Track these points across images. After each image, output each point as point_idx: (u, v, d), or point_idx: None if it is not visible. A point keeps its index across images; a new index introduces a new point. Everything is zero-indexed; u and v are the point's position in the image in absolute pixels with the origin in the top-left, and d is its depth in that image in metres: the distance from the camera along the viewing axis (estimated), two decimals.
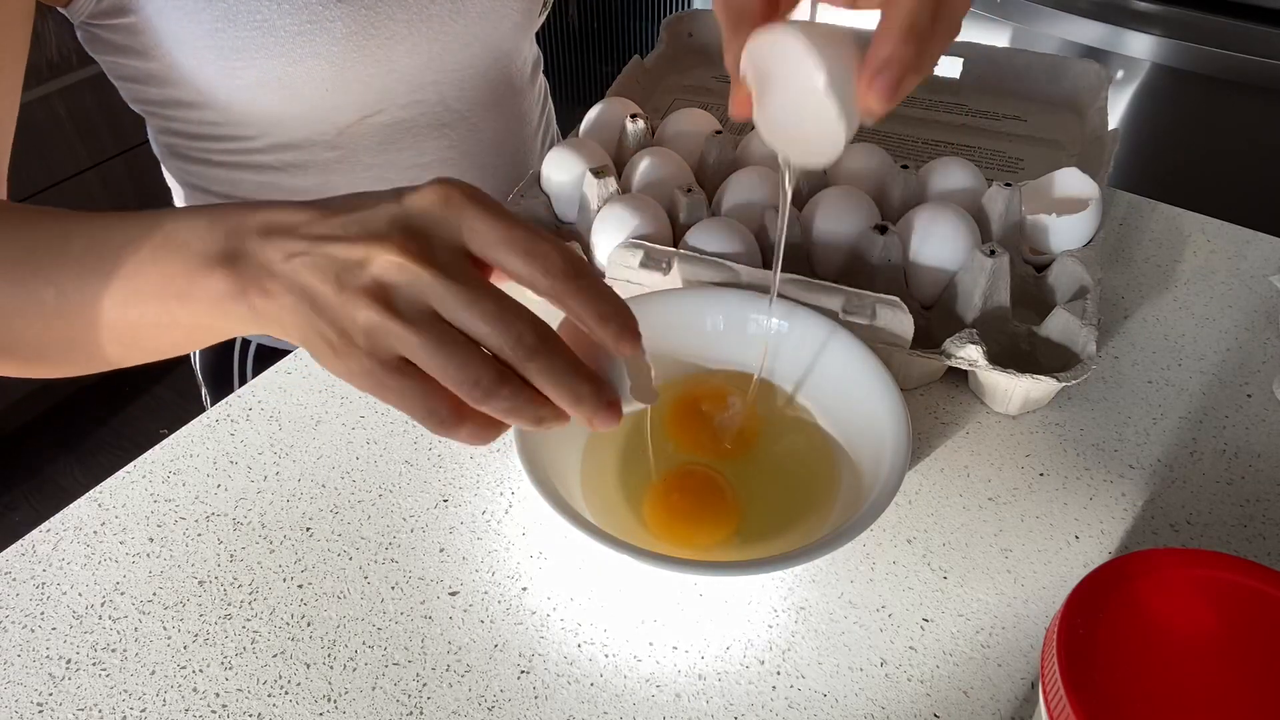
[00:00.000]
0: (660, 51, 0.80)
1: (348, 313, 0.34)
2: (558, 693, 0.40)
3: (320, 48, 0.59)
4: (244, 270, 0.36)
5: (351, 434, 0.52)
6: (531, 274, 0.35)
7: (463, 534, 0.47)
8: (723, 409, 0.50)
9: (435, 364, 0.34)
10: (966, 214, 0.55)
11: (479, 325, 0.34)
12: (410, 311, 0.34)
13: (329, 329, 0.35)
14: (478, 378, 0.34)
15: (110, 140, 1.54)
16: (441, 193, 0.35)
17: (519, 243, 0.35)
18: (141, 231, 0.39)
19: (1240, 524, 0.47)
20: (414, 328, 0.34)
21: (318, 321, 0.35)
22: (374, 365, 0.35)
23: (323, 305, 0.35)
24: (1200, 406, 0.53)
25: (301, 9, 0.58)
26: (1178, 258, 0.64)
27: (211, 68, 0.59)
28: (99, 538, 0.47)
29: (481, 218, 0.35)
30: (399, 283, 0.34)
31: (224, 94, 0.60)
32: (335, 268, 0.35)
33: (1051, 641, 0.32)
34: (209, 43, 0.57)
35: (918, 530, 0.47)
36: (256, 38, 0.58)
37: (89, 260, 0.40)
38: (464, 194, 0.35)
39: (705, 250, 0.53)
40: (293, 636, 0.43)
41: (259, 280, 0.36)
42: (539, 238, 0.35)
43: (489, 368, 0.34)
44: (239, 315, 0.37)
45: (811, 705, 0.40)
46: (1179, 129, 1.23)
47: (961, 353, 0.50)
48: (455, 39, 0.66)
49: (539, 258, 0.35)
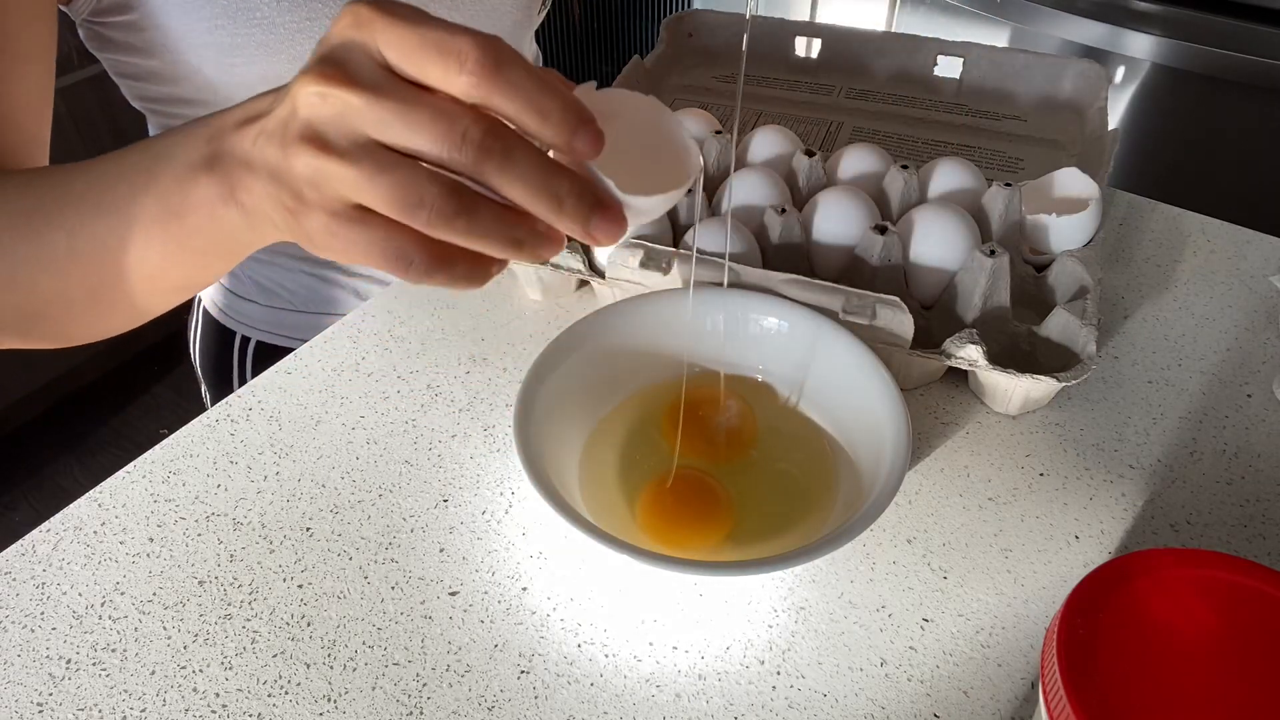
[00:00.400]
0: (660, 51, 0.80)
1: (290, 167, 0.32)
2: (558, 693, 0.40)
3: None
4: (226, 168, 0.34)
5: (351, 434, 0.52)
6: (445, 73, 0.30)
7: (463, 534, 0.47)
8: (722, 411, 0.50)
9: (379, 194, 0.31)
10: (966, 214, 0.55)
11: (416, 137, 0.30)
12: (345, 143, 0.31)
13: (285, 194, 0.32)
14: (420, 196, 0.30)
15: (110, 140, 1.54)
16: (350, 12, 0.31)
17: (430, 43, 0.30)
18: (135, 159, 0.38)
19: (1240, 524, 0.47)
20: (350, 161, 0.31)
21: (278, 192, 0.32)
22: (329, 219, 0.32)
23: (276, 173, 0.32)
24: (1200, 406, 0.53)
25: (301, 6, 0.58)
26: (1178, 258, 0.64)
27: (211, 65, 0.59)
28: (99, 538, 0.47)
29: (393, 25, 0.31)
30: (325, 116, 0.31)
31: (224, 91, 0.60)
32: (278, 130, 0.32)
33: (1051, 641, 0.32)
34: (208, 40, 0.57)
35: (918, 530, 0.47)
36: (256, 35, 0.58)
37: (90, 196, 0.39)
38: (373, 7, 0.31)
39: (705, 250, 0.53)
40: (293, 636, 0.43)
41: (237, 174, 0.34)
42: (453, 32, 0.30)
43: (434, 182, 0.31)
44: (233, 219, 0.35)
45: (811, 705, 0.40)
46: (1179, 129, 1.24)
47: (961, 353, 0.50)
48: None
49: (451, 53, 0.30)
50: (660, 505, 0.46)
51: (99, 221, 0.39)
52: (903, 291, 0.54)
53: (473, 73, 0.30)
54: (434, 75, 0.31)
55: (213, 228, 0.36)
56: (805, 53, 0.80)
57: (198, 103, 0.62)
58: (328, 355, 0.57)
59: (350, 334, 0.58)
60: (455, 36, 0.30)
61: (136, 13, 0.57)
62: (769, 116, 0.76)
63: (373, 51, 0.31)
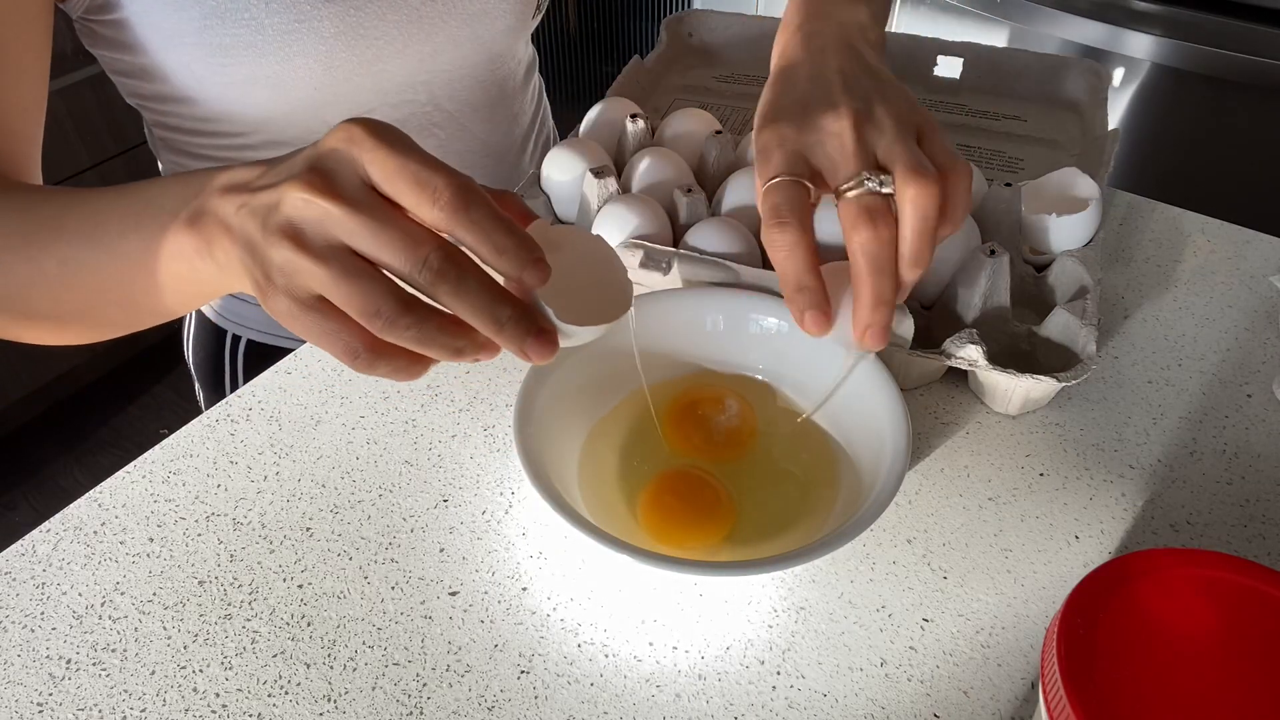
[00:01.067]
0: (660, 51, 0.80)
1: (267, 253, 0.35)
2: (558, 693, 0.40)
3: (309, 46, 0.59)
4: (206, 226, 0.38)
5: (351, 434, 0.52)
6: (419, 204, 0.35)
7: (463, 534, 0.47)
8: (722, 410, 0.50)
9: (340, 295, 0.35)
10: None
11: (384, 253, 0.34)
12: (319, 246, 0.35)
13: (257, 270, 0.36)
14: (378, 307, 0.34)
15: (110, 140, 1.54)
16: (345, 130, 0.36)
17: (409, 174, 0.35)
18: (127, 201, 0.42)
19: (1240, 524, 0.47)
20: (321, 261, 0.34)
21: (252, 265, 0.36)
22: (292, 304, 0.35)
23: (252, 248, 0.36)
24: (1200, 406, 0.53)
25: (290, 8, 0.58)
26: (1178, 258, 0.64)
27: (200, 65, 0.59)
28: (99, 538, 0.47)
29: (379, 149, 0.35)
30: (306, 218, 0.35)
31: (213, 91, 0.61)
32: (261, 212, 0.36)
33: (1051, 641, 0.32)
34: (197, 40, 0.58)
35: (918, 530, 0.47)
36: (245, 35, 0.58)
37: (84, 230, 0.43)
38: (366, 129, 0.35)
39: (705, 250, 0.53)
40: (293, 636, 0.43)
41: (214, 234, 0.38)
42: (431, 169, 0.35)
43: (391, 296, 0.35)
44: (208, 271, 0.39)
45: (811, 705, 0.40)
46: (1179, 129, 1.24)
47: (961, 353, 0.50)
48: (447, 40, 0.66)
49: (426, 188, 0.34)
50: (660, 505, 0.46)
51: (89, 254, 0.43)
52: None
53: (444, 209, 0.34)
54: (408, 201, 0.35)
55: (190, 273, 0.40)
56: None
57: (187, 101, 0.62)
58: (328, 355, 0.57)
59: None
60: (433, 173, 0.34)
61: (121, 11, 0.57)
62: None
63: (358, 168, 0.35)
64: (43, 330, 0.49)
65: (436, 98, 0.69)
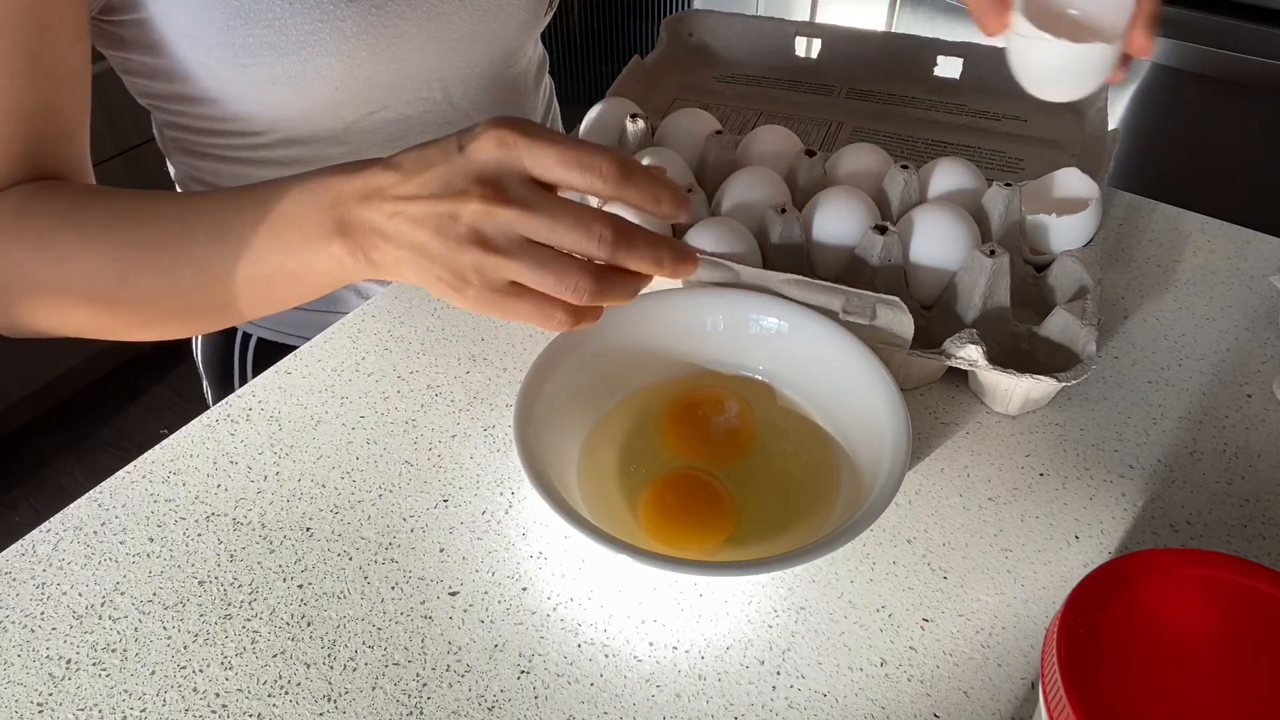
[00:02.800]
0: (660, 51, 0.80)
1: (456, 258, 0.41)
2: (558, 693, 0.40)
3: (331, 46, 0.60)
4: (355, 234, 0.43)
5: (351, 434, 0.52)
6: (590, 184, 0.41)
7: (463, 534, 0.47)
8: (722, 411, 0.50)
9: (538, 281, 0.41)
10: (966, 214, 0.55)
11: (565, 239, 0.41)
12: (505, 244, 0.41)
13: (444, 272, 0.42)
14: (576, 283, 0.41)
15: (110, 141, 1.54)
16: (496, 136, 0.41)
17: (574, 161, 0.41)
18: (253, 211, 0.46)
19: (1240, 524, 0.47)
20: (513, 257, 0.40)
21: (432, 267, 0.42)
22: (490, 293, 0.42)
23: (431, 254, 0.41)
24: (1200, 406, 0.53)
25: (313, 8, 0.58)
26: (1178, 258, 0.64)
27: (223, 65, 0.59)
28: (99, 538, 0.47)
29: (537, 148, 0.41)
30: (488, 225, 0.40)
31: (234, 91, 0.61)
32: (432, 222, 0.41)
33: (1051, 641, 0.32)
34: (220, 40, 0.58)
35: (918, 530, 0.47)
36: (268, 36, 0.58)
37: (214, 241, 0.47)
38: (515, 131, 0.41)
39: (705, 250, 0.53)
40: (293, 636, 0.43)
41: (370, 240, 0.43)
42: (586, 150, 0.41)
43: (585, 272, 0.41)
44: (357, 269, 0.44)
45: (811, 705, 0.40)
46: (1179, 129, 1.24)
47: (961, 353, 0.50)
48: (463, 37, 0.66)
49: (592, 170, 0.41)
50: (661, 505, 0.46)
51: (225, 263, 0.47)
52: (903, 291, 0.54)
53: (611, 181, 0.41)
54: (578, 183, 0.41)
55: (336, 271, 0.45)
56: (805, 53, 0.80)
57: (204, 101, 0.62)
58: (328, 355, 0.57)
59: (350, 334, 0.58)
60: (590, 154, 0.41)
61: (142, 12, 0.57)
62: (769, 116, 0.76)
63: (520, 170, 0.41)
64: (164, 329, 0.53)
65: (450, 95, 0.69)
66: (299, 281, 0.46)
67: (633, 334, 0.51)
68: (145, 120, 0.71)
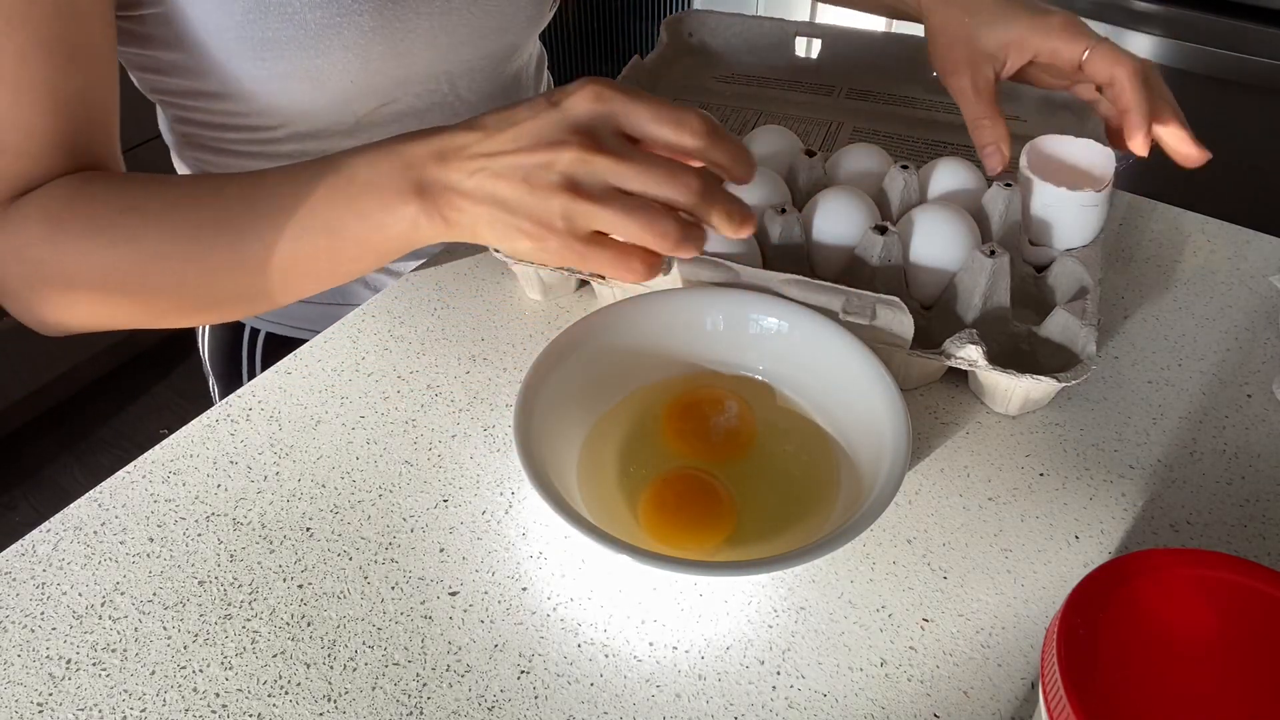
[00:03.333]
0: (660, 51, 0.80)
1: (544, 205, 0.42)
2: (558, 693, 0.40)
3: (348, 40, 0.60)
4: (431, 194, 0.44)
5: (351, 434, 0.52)
6: (680, 139, 0.43)
7: (463, 534, 0.47)
8: (721, 411, 0.50)
9: (625, 227, 0.42)
10: (966, 214, 0.55)
11: (656, 188, 0.42)
12: (599, 191, 0.42)
13: (525, 222, 0.42)
14: (664, 229, 0.42)
15: None
16: (593, 91, 0.42)
17: (667, 118, 0.42)
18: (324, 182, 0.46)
19: (1240, 524, 0.47)
20: (604, 204, 0.41)
21: (513, 219, 0.43)
22: (573, 241, 0.42)
23: (515, 205, 0.42)
24: (1200, 406, 0.53)
25: (331, 2, 0.59)
26: (1178, 258, 0.64)
27: (240, 59, 0.59)
28: (99, 538, 0.47)
29: (632, 105, 0.42)
30: (583, 173, 0.42)
31: (250, 85, 0.61)
32: (520, 173, 0.42)
33: (1051, 641, 0.32)
34: (238, 34, 0.58)
35: (918, 530, 0.47)
36: (287, 30, 0.58)
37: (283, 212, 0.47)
38: (610, 89, 0.43)
39: (705, 250, 0.53)
40: (293, 636, 0.43)
41: (447, 198, 0.44)
42: (676, 109, 0.43)
43: (673, 220, 0.42)
44: (432, 228, 0.45)
45: (811, 705, 0.40)
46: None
47: (961, 353, 0.50)
48: (473, 31, 0.67)
49: (685, 126, 0.42)
50: (661, 505, 0.46)
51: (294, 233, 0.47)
52: (903, 291, 0.54)
53: (701, 136, 0.43)
54: (671, 137, 0.43)
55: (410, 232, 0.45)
56: (805, 53, 0.80)
57: (220, 96, 0.62)
58: (328, 355, 0.57)
59: (350, 334, 0.58)
60: (680, 112, 0.43)
61: (164, 6, 0.57)
62: (769, 116, 0.76)
63: (615, 124, 0.43)
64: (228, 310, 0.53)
65: (457, 87, 0.70)
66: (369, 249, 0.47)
67: (633, 334, 0.51)
68: (147, 120, 0.71)
